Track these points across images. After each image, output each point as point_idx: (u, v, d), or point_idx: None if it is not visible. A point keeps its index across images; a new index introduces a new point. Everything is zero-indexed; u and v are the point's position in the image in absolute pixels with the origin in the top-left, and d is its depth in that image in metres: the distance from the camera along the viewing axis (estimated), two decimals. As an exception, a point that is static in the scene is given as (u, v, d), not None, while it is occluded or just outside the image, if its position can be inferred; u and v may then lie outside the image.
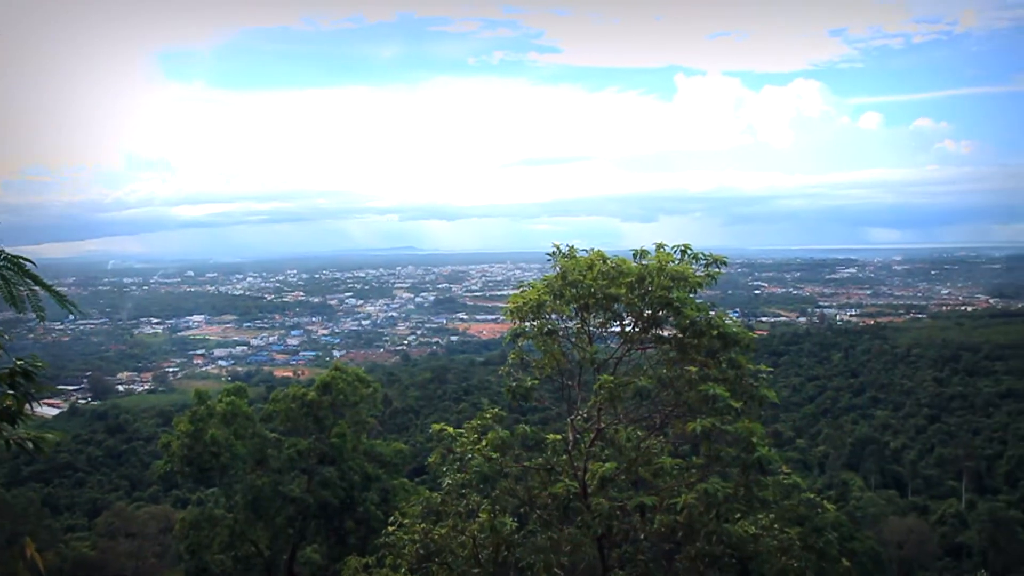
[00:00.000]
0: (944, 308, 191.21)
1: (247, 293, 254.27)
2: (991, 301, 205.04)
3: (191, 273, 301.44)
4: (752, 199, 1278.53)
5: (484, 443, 10.72)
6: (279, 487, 27.12)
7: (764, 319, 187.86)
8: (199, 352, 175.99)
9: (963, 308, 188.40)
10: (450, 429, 11.27)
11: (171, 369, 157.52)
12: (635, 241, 12.31)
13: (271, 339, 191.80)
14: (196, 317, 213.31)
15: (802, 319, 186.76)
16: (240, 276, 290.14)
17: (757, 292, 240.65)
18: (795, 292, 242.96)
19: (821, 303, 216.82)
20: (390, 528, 11.52)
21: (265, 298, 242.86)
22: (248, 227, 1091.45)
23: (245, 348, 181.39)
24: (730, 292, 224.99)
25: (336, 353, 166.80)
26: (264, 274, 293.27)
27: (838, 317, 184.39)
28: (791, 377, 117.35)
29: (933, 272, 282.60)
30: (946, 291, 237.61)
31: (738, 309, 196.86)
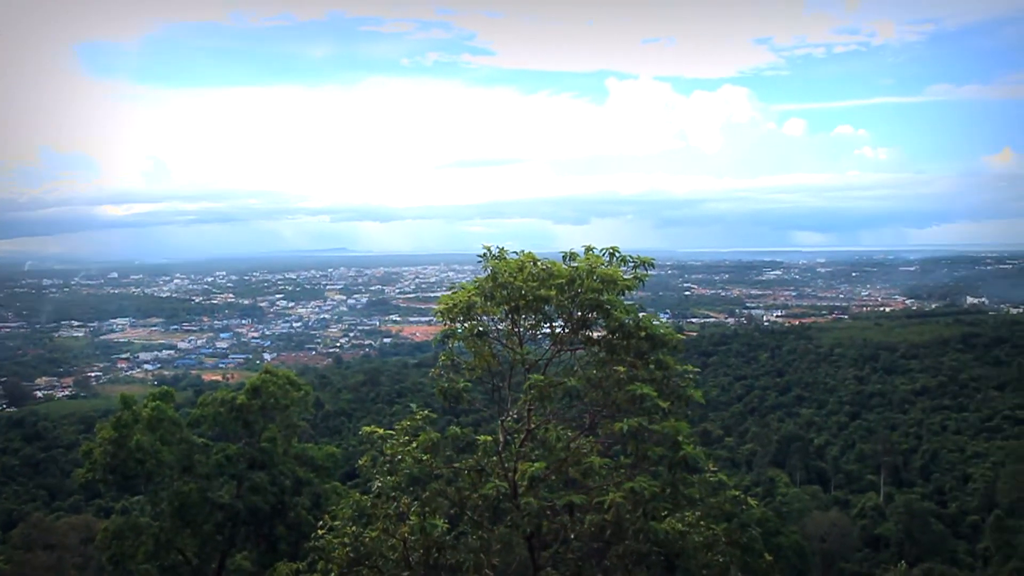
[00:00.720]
0: (864, 309, 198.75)
1: (174, 295, 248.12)
2: (907, 302, 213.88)
3: (115, 275, 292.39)
4: (682, 202, 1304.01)
5: (414, 445, 10.73)
6: (207, 493, 26.57)
7: (694, 320, 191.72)
8: (123, 356, 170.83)
9: (882, 309, 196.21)
10: (380, 431, 11.24)
11: (94, 374, 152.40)
12: (568, 243, 12.50)
13: (199, 342, 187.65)
14: (120, 320, 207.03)
15: (730, 320, 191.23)
16: (167, 278, 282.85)
17: (687, 293, 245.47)
18: (724, 293, 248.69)
19: (749, 304, 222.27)
20: (319, 532, 11.42)
21: (193, 300, 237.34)
22: (175, 227, 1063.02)
23: (172, 352, 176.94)
24: (661, 293, 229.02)
25: (267, 356, 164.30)
26: (192, 276, 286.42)
27: (765, 318, 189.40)
28: (720, 377, 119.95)
29: (854, 274, 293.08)
30: (866, 292, 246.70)
31: (669, 310, 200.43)
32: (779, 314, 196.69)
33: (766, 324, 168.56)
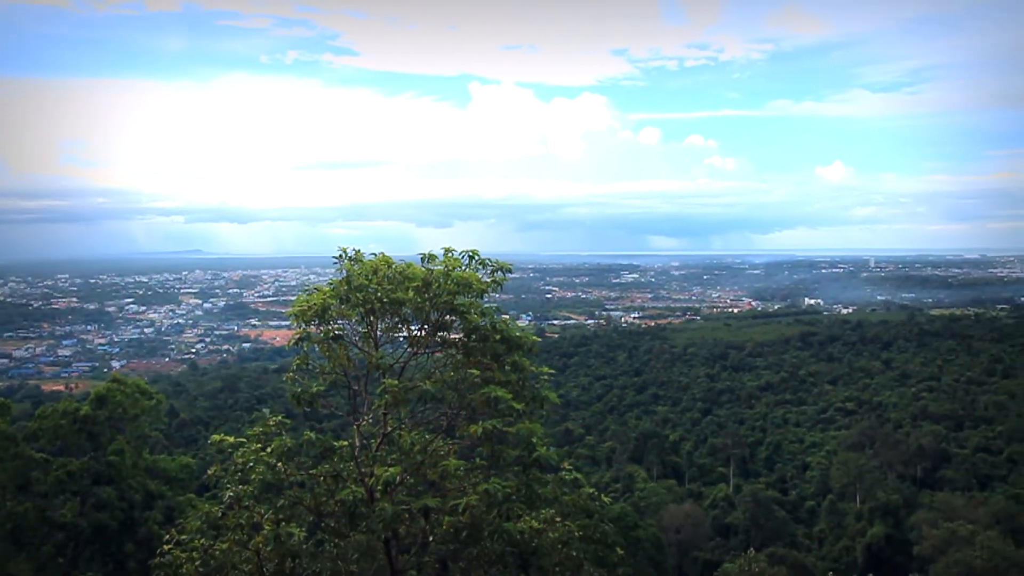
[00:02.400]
0: (715, 310, 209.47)
1: (8, 300, 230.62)
2: (753, 303, 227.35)
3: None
4: (544, 206, 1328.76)
5: (267, 452, 10.54)
6: (46, 513, 24.99)
7: (555, 322, 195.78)
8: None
9: (731, 310, 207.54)
10: (231, 439, 10.97)
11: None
12: (431, 246, 12.65)
13: (38, 350, 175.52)
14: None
15: (590, 321, 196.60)
16: (0, 281, 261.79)
17: (549, 296, 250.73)
18: (584, 296, 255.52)
19: (608, 306, 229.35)
20: (166, 547, 10.94)
21: (31, 305, 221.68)
22: (11, 227, 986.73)
23: (7, 361, 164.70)
24: (524, 296, 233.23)
25: (115, 364, 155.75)
26: (30, 279, 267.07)
27: (623, 319, 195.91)
28: (581, 377, 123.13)
29: (705, 277, 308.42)
30: (716, 294, 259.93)
31: (531, 312, 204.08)
32: (636, 315, 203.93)
33: (624, 325, 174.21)
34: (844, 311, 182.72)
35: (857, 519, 66.92)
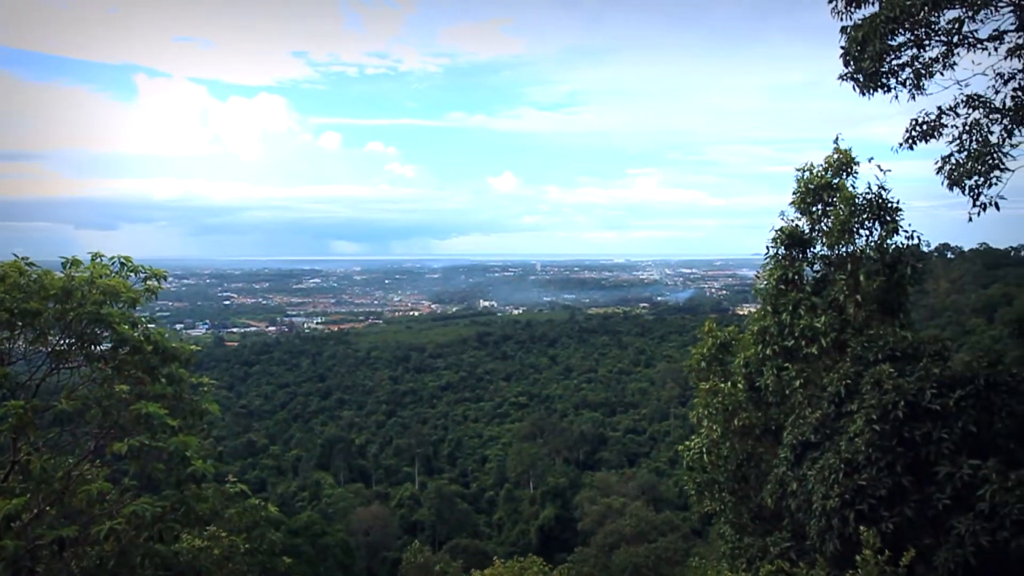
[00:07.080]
0: (397, 314, 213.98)
1: None
2: (433, 306, 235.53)
3: None
4: (221, 209, 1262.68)
5: None
6: None
7: (235, 330, 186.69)
8: None
9: (412, 313, 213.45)
10: None
11: None
12: (94, 250, 11.39)
13: None
14: None
15: (272, 328, 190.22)
16: None
17: (227, 303, 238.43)
18: (265, 302, 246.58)
19: (290, 312, 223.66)
20: None
21: None
22: None
23: None
24: (200, 303, 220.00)
25: None
26: None
27: (306, 325, 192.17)
28: (263, 385, 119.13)
29: (387, 281, 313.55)
30: (398, 298, 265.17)
31: (208, 320, 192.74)
32: (319, 321, 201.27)
33: (307, 331, 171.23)
34: (515, 312, 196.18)
35: (531, 504, 72.27)
